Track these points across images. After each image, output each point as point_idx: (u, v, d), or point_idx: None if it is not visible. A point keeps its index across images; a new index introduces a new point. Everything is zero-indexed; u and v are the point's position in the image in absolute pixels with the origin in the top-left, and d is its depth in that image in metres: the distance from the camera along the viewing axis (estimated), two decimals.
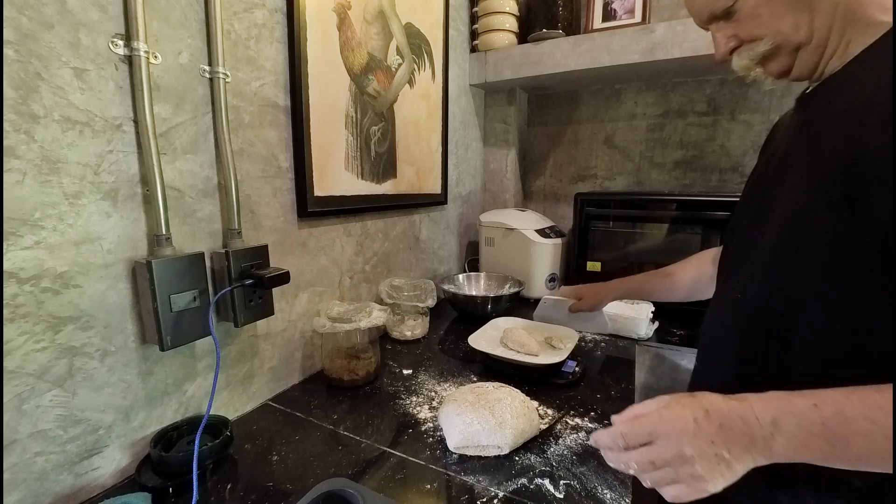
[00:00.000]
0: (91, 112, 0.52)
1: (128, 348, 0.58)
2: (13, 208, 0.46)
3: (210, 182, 0.66)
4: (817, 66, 0.50)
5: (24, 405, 0.48)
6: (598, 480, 0.57)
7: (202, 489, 0.56)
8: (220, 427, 0.63)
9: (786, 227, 0.48)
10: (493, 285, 1.37)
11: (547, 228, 1.40)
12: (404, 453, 0.63)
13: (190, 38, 0.62)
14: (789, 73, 0.52)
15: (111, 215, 0.55)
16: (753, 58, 0.52)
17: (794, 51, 0.49)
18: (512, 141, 1.62)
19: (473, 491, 0.56)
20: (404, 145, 1.14)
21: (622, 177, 1.58)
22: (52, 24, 0.48)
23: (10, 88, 0.45)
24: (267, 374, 0.80)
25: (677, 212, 1.20)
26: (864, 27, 0.45)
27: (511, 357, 0.87)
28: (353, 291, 1.02)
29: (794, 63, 0.51)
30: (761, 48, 0.50)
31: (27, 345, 0.48)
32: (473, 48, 1.50)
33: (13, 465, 0.48)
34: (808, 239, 0.46)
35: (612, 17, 1.35)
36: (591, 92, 1.58)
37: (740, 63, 0.54)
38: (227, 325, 0.70)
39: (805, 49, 0.49)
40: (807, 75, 0.51)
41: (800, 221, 0.47)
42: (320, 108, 0.85)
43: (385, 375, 0.88)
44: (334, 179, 0.91)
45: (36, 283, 0.48)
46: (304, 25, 0.79)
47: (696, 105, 1.42)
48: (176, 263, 0.59)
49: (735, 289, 0.56)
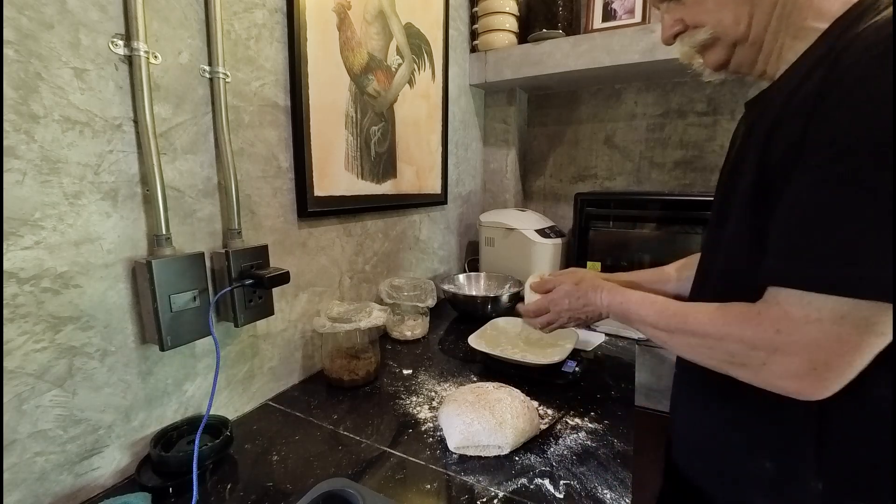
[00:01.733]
0: (91, 112, 0.52)
1: (128, 348, 0.58)
2: (13, 208, 0.46)
3: (210, 182, 0.66)
4: (755, 64, 0.51)
5: (24, 405, 0.48)
6: (598, 480, 0.57)
7: (202, 489, 0.56)
8: (220, 427, 0.63)
9: (730, 238, 0.51)
10: (493, 285, 1.37)
11: (547, 228, 1.40)
12: (404, 453, 0.63)
13: (190, 38, 0.62)
14: (726, 67, 0.54)
15: (111, 215, 0.55)
16: (693, 45, 0.54)
17: (731, 45, 0.51)
18: (512, 141, 1.62)
19: (473, 491, 0.56)
20: (404, 145, 1.14)
21: (622, 177, 1.58)
22: (52, 24, 0.48)
23: (10, 88, 0.45)
24: (267, 374, 0.80)
25: (677, 212, 1.20)
26: (796, 31, 0.46)
27: (511, 357, 0.87)
28: (353, 291, 1.02)
29: (732, 58, 0.52)
30: (701, 36, 0.52)
31: (27, 345, 0.48)
32: (473, 48, 1.50)
33: (13, 465, 0.48)
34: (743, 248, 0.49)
35: (612, 17, 1.35)
36: (591, 92, 1.58)
37: (682, 49, 0.56)
38: (227, 325, 0.70)
39: (742, 45, 0.50)
40: (745, 71, 0.53)
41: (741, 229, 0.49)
42: (320, 108, 0.85)
43: (385, 375, 0.88)
44: (334, 179, 0.91)
45: (36, 283, 0.48)
46: (304, 25, 0.79)
47: (696, 105, 1.42)
48: (176, 263, 0.59)
49: (701, 287, 0.60)
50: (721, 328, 0.46)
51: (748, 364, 0.44)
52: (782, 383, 0.42)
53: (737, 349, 0.45)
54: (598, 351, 1.00)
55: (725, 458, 0.54)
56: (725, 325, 0.46)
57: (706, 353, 0.48)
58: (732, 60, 0.52)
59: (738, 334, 0.44)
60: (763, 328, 0.42)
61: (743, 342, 0.44)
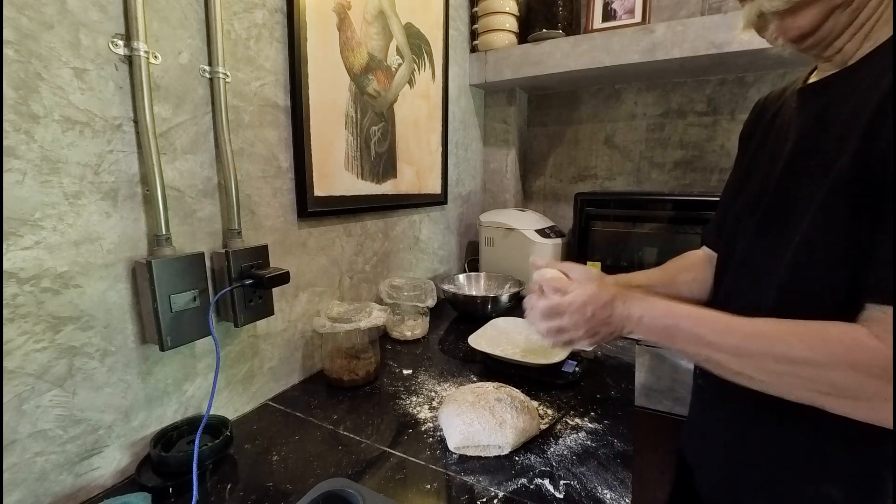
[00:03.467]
0: (91, 112, 0.52)
1: (128, 348, 0.58)
2: (13, 208, 0.46)
3: (210, 182, 0.66)
4: (840, 37, 0.44)
5: (24, 405, 0.48)
6: (598, 480, 0.57)
7: (202, 489, 0.56)
8: (220, 427, 0.63)
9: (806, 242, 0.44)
10: (493, 285, 1.37)
11: (547, 228, 1.40)
12: (404, 453, 0.63)
13: (190, 38, 0.62)
14: (810, 36, 0.44)
15: (111, 215, 0.55)
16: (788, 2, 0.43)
17: (832, 8, 0.42)
18: (512, 141, 1.62)
19: (473, 491, 0.56)
20: (404, 145, 1.14)
21: (622, 177, 1.58)
22: (52, 24, 0.48)
23: (10, 88, 0.45)
24: (267, 374, 0.80)
25: (677, 212, 1.20)
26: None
27: (511, 357, 0.87)
28: (353, 291, 1.02)
29: (824, 24, 0.43)
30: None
31: (27, 345, 0.48)
32: (473, 48, 1.50)
33: (13, 465, 0.48)
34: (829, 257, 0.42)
35: (612, 17, 1.35)
36: (591, 92, 1.58)
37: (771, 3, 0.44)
38: (227, 325, 0.70)
39: (842, 10, 0.42)
40: (825, 46, 0.45)
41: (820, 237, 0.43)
42: (320, 108, 0.85)
43: (385, 375, 0.88)
44: (334, 179, 0.91)
45: (36, 283, 0.48)
46: (304, 25, 0.79)
47: (696, 105, 1.42)
48: (176, 263, 0.59)
49: (744, 301, 0.53)
50: (823, 353, 0.38)
51: (856, 396, 0.37)
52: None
53: (843, 379, 0.37)
54: (598, 351, 1.00)
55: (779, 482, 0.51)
56: (829, 349, 0.38)
57: (796, 381, 0.40)
58: (823, 28, 0.43)
59: (846, 360, 0.37)
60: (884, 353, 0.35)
61: (856, 371, 0.37)
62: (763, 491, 0.53)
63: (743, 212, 0.57)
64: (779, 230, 0.48)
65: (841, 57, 0.45)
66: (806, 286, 0.45)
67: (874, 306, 0.38)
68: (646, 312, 0.51)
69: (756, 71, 1.30)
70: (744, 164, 0.62)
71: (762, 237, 0.52)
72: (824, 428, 0.46)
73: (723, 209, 0.67)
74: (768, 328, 0.43)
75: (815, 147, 0.46)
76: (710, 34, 1.10)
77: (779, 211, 0.49)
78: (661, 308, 0.51)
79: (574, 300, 0.55)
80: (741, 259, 0.56)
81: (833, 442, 0.47)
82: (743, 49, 1.06)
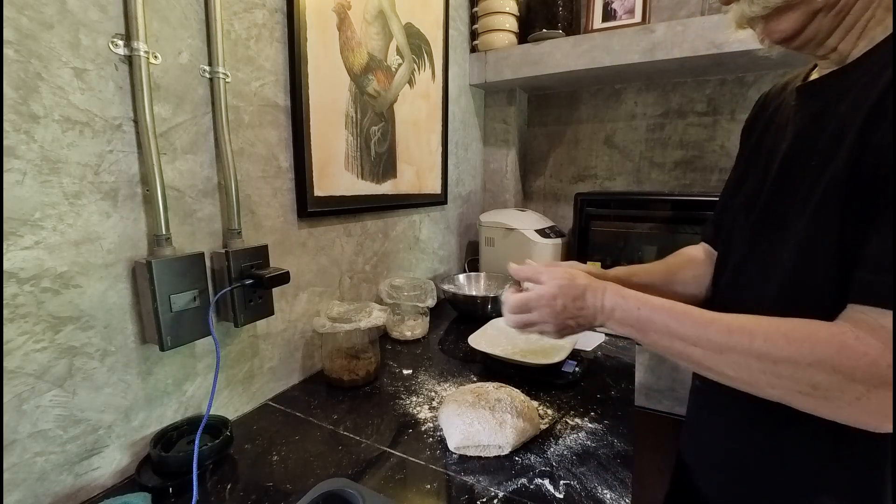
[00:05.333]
0: (91, 112, 0.52)
1: (128, 348, 0.58)
2: (13, 208, 0.46)
3: (210, 182, 0.66)
4: (828, 38, 0.44)
5: (24, 405, 0.48)
6: (598, 480, 0.57)
7: (202, 489, 0.56)
8: (220, 427, 0.63)
9: (804, 244, 0.44)
10: (493, 285, 1.37)
11: (547, 228, 1.40)
12: (404, 453, 0.63)
13: (190, 38, 0.62)
14: (795, 39, 0.45)
15: (111, 215, 0.55)
16: (768, 6, 0.43)
17: (814, 12, 0.42)
18: (512, 141, 1.62)
19: (473, 491, 0.56)
20: (404, 145, 1.14)
21: (622, 177, 1.58)
22: (52, 24, 0.48)
23: (10, 88, 0.45)
24: (267, 374, 0.80)
25: (677, 212, 1.20)
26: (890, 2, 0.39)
27: (511, 357, 0.87)
28: (353, 291, 1.02)
29: (807, 27, 0.43)
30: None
31: (27, 345, 0.48)
32: (473, 48, 1.50)
33: (13, 465, 0.48)
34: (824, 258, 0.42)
35: (612, 17, 1.35)
36: (591, 92, 1.58)
37: (743, 10, 0.45)
38: (227, 325, 0.70)
39: (825, 13, 0.42)
40: (813, 46, 0.45)
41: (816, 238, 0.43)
42: (320, 108, 0.85)
43: (385, 375, 0.88)
44: (334, 179, 0.91)
45: (36, 283, 0.48)
46: (304, 25, 0.79)
47: (696, 105, 1.42)
48: (176, 263, 0.59)
49: (743, 300, 0.53)
50: (808, 353, 0.37)
51: (837, 397, 0.37)
52: (875, 421, 0.36)
53: (825, 380, 0.37)
54: (598, 351, 1.00)
55: (777, 485, 0.51)
56: (814, 350, 0.37)
57: (775, 380, 0.39)
58: (807, 30, 0.43)
59: (831, 362, 0.36)
60: (868, 357, 0.35)
61: (838, 372, 0.36)
62: (761, 494, 0.53)
63: (740, 211, 0.57)
64: (775, 231, 0.48)
65: (837, 55, 0.45)
66: (803, 289, 0.44)
67: (857, 307, 0.38)
68: (618, 305, 0.51)
69: (756, 71, 1.30)
70: (742, 161, 0.62)
71: (759, 237, 0.51)
72: (822, 432, 0.45)
73: (721, 206, 0.67)
74: (751, 324, 0.42)
75: (811, 146, 0.45)
76: (710, 34, 1.10)
77: (775, 212, 0.49)
78: (634, 300, 0.50)
79: (543, 294, 0.55)
80: (739, 259, 0.56)
81: (830, 448, 0.46)
82: (743, 49, 1.06)
